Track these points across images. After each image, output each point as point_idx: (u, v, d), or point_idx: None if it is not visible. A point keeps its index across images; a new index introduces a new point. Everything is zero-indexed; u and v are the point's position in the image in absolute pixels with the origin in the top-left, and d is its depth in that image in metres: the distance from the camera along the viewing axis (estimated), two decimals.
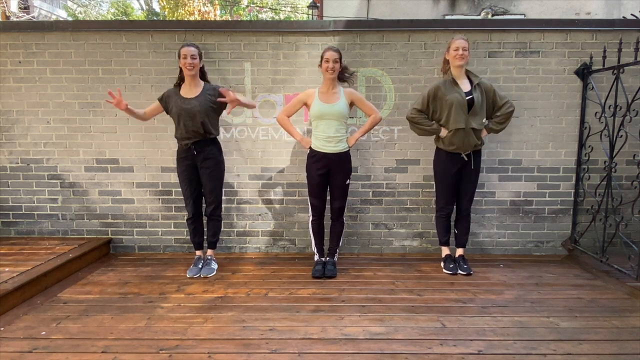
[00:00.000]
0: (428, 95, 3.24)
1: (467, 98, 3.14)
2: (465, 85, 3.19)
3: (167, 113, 3.27)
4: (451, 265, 3.42)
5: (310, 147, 3.29)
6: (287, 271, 3.47)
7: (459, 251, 3.50)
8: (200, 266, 3.40)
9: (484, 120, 3.25)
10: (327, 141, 3.21)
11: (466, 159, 3.26)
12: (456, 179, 3.33)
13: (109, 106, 3.80)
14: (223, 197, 3.90)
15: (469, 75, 3.25)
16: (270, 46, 3.73)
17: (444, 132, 3.25)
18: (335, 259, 3.48)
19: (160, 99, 3.26)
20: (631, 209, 3.16)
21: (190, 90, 3.19)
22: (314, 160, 3.26)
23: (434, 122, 3.29)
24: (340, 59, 3.15)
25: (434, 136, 3.37)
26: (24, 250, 3.52)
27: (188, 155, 3.24)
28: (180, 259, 3.75)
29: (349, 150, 3.30)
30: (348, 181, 3.33)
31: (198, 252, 3.48)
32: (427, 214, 3.89)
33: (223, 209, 3.91)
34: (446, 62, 3.24)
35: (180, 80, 3.23)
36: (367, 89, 3.76)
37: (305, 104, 3.29)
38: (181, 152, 3.27)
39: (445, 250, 3.53)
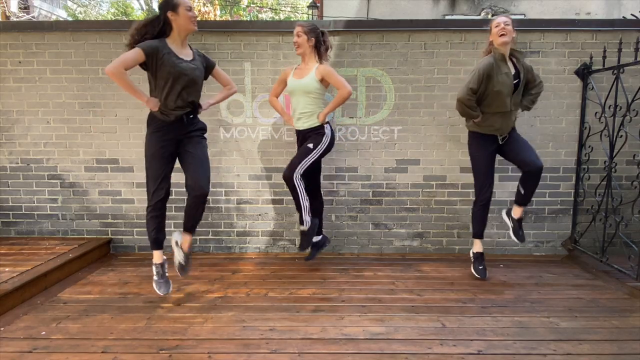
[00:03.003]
0: (483, 74, 2.94)
1: (515, 81, 3.01)
2: (511, 65, 3.04)
3: (146, 69, 2.64)
4: (480, 267, 3.24)
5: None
6: (287, 271, 3.47)
7: (519, 210, 3.26)
8: (167, 275, 2.89)
9: (521, 100, 3.15)
10: (296, 118, 3.23)
11: (501, 142, 3.14)
12: (492, 159, 3.16)
13: (109, 106, 3.81)
14: (223, 197, 3.91)
15: (513, 53, 3.06)
16: (270, 46, 3.73)
17: (480, 118, 3.10)
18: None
19: (147, 50, 2.52)
20: (631, 209, 3.16)
21: (184, 51, 2.67)
22: (296, 138, 3.35)
23: (478, 108, 3.08)
24: (309, 33, 3.08)
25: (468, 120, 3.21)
26: (24, 250, 3.52)
27: (173, 127, 2.67)
28: None
29: (321, 125, 3.19)
30: (311, 145, 3.15)
31: (161, 256, 2.89)
32: (427, 214, 3.89)
33: (223, 209, 3.93)
34: (490, 45, 3.02)
35: (160, 34, 2.61)
36: (367, 89, 3.76)
37: (285, 82, 3.31)
38: (163, 124, 2.65)
39: (477, 245, 3.29)
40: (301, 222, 3.25)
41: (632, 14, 5.73)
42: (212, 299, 2.88)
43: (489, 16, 8.64)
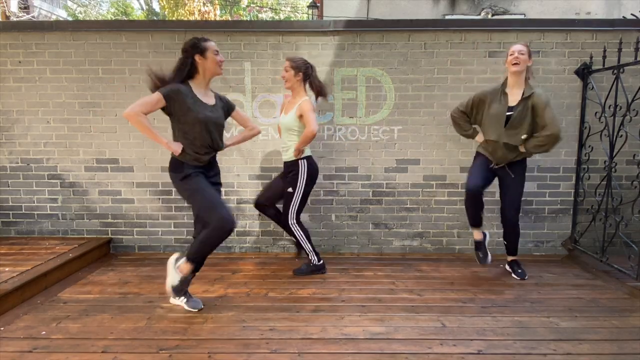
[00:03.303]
0: (473, 101, 3.13)
1: (508, 113, 2.98)
2: (516, 96, 2.98)
3: (167, 113, 2.59)
4: (480, 254, 3.33)
5: None
6: (287, 271, 3.47)
7: (509, 258, 3.41)
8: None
9: (523, 137, 3.00)
10: (282, 149, 3.31)
11: (496, 167, 3.16)
12: (490, 173, 3.19)
13: (109, 106, 3.81)
14: (223, 197, 3.90)
15: (525, 87, 2.99)
16: (270, 46, 3.73)
17: (479, 138, 3.20)
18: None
19: (169, 96, 2.49)
20: (631, 209, 3.16)
21: (207, 95, 2.66)
22: None
23: (472, 127, 3.23)
24: (296, 68, 3.09)
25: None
26: (24, 250, 3.52)
27: (202, 169, 2.68)
28: None
29: (296, 160, 3.18)
30: (290, 189, 3.21)
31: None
32: (427, 214, 3.89)
33: None
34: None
35: (187, 77, 2.59)
36: (367, 88, 3.76)
37: None
38: (194, 167, 2.63)
39: (474, 234, 3.34)
40: (309, 261, 3.40)
41: (632, 14, 5.73)
42: (212, 299, 2.88)
43: (489, 16, 8.64)
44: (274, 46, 3.73)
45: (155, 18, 19.06)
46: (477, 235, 3.34)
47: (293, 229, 3.28)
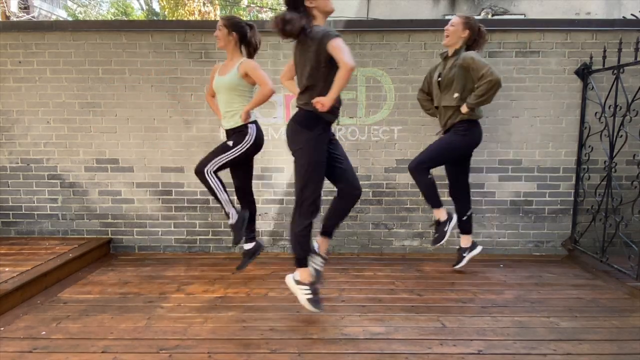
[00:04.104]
0: (425, 78, 3.35)
1: (439, 79, 3.15)
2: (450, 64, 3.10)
3: (325, 64, 2.40)
4: (435, 234, 3.28)
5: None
6: (287, 271, 3.45)
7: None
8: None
9: (455, 96, 3.05)
10: (222, 117, 3.02)
11: (442, 133, 3.24)
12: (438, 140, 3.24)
13: (109, 106, 3.80)
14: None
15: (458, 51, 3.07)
16: (270, 46, 3.73)
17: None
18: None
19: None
20: (631, 209, 3.16)
21: None
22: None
23: (434, 106, 3.29)
24: (230, 26, 2.89)
25: None
26: (24, 250, 3.52)
27: (329, 128, 2.54)
28: (181, 259, 3.75)
29: (245, 125, 2.95)
30: (231, 142, 2.95)
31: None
32: (427, 214, 3.89)
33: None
34: None
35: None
36: (367, 88, 3.76)
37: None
38: (327, 125, 2.50)
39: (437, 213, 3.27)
40: (227, 215, 3.09)
41: (632, 14, 5.73)
42: (212, 299, 2.88)
43: (489, 16, 8.64)
44: (274, 46, 3.73)
45: (155, 18, 19.06)
46: (440, 212, 3.26)
47: (208, 177, 2.91)
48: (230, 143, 2.95)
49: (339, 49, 2.21)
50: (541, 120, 3.77)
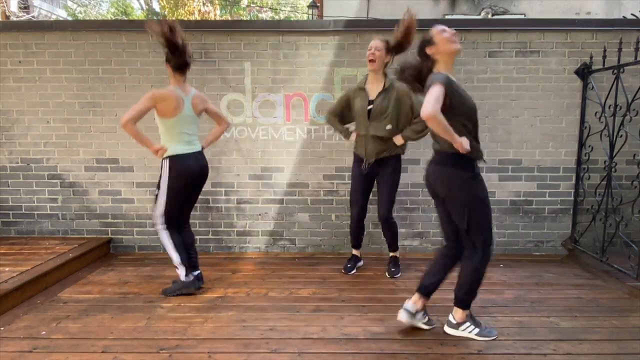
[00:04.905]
0: (340, 102, 3.23)
1: (369, 107, 3.04)
2: (377, 90, 3.04)
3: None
4: (349, 265, 3.44)
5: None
6: (287, 271, 3.47)
7: (390, 254, 3.43)
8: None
9: (387, 127, 3.04)
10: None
11: (367, 167, 3.13)
12: (364, 184, 3.22)
13: (109, 106, 3.80)
14: (223, 197, 3.90)
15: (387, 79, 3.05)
16: (270, 46, 3.73)
17: (353, 137, 3.23)
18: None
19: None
20: (631, 208, 3.16)
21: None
22: None
23: (346, 127, 3.28)
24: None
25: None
26: (24, 250, 3.52)
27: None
28: None
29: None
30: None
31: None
32: (427, 214, 3.89)
33: (223, 209, 3.93)
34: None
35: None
36: None
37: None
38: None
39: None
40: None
41: (632, 14, 5.73)
42: (212, 299, 2.88)
43: (489, 16, 8.64)
44: (274, 46, 3.73)
45: (155, 18, 19.05)
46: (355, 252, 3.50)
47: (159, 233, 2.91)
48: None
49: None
50: (541, 120, 3.77)
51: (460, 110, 2.15)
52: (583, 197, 3.72)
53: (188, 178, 2.84)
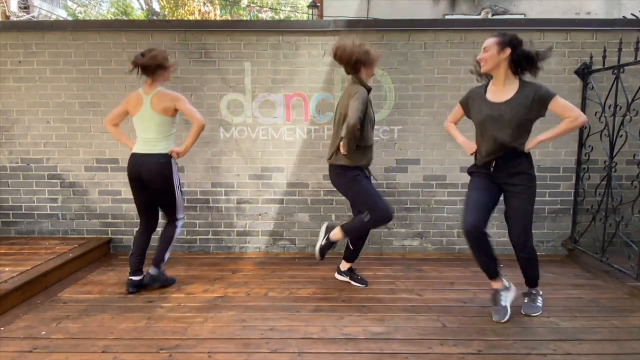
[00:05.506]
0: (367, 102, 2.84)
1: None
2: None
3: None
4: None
5: None
6: (287, 271, 3.47)
7: (346, 265, 3.20)
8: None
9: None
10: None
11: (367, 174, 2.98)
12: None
13: (109, 106, 3.79)
14: (223, 197, 3.90)
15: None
16: (270, 46, 3.73)
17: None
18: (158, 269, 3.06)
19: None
20: (631, 208, 3.16)
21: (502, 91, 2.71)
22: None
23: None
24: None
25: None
26: (24, 250, 3.52)
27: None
28: (181, 259, 3.75)
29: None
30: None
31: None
32: (427, 214, 3.89)
33: (223, 209, 3.93)
34: None
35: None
36: None
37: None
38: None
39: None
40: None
41: (632, 14, 5.73)
42: (212, 299, 2.88)
43: (489, 16, 8.63)
44: (274, 46, 3.73)
45: (155, 18, 19.07)
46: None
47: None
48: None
49: None
50: (541, 120, 3.75)
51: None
52: (583, 197, 3.72)
53: (129, 179, 2.93)
